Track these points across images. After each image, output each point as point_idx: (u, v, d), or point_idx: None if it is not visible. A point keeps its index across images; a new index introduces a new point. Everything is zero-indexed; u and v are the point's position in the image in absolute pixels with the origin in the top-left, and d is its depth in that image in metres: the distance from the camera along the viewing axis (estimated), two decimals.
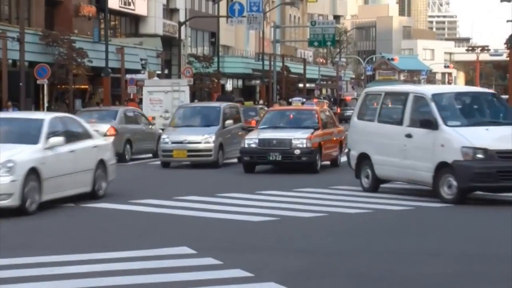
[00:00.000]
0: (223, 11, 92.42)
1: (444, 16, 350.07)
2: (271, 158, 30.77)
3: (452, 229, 20.20)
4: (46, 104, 55.79)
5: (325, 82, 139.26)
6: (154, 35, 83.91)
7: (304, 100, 46.96)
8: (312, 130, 30.97)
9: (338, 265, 15.43)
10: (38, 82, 54.51)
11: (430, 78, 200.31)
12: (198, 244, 17.14)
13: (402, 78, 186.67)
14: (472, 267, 15.13)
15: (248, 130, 45.39)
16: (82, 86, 67.03)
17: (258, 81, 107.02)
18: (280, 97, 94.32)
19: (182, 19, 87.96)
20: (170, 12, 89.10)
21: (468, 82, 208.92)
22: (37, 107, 54.58)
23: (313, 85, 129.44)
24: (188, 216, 22.41)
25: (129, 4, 79.93)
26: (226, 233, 19.82)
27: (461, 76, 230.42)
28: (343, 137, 35.55)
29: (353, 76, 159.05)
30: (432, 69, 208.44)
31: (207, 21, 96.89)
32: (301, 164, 31.59)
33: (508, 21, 43.78)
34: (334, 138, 35.49)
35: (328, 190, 29.37)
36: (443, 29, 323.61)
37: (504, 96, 42.35)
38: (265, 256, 16.23)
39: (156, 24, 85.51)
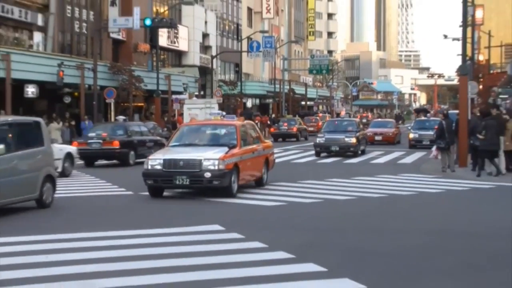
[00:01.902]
0: (244, 47, 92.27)
1: (410, 51, 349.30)
2: (177, 182, 21.06)
3: (415, 212, 19.90)
4: (113, 118, 55.81)
5: (321, 101, 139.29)
6: (193, 66, 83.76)
7: (224, 113, 33.68)
8: (226, 149, 21.51)
9: (334, 240, 15.32)
10: (107, 101, 54.52)
11: (400, 98, 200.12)
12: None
13: (379, 97, 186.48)
14: (434, 242, 15.09)
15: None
16: (139, 104, 67.00)
17: (271, 100, 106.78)
18: (288, 112, 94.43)
19: (214, 53, 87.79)
20: (204, 48, 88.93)
21: (429, 100, 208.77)
22: (106, 120, 54.55)
23: (312, 103, 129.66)
24: None
25: (174, 43, 79.81)
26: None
27: (423, 96, 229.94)
28: (269, 153, 25.77)
29: (342, 96, 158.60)
30: (401, 91, 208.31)
31: (233, 55, 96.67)
32: (213, 188, 21.49)
33: (458, 54, 44.24)
34: (258, 156, 24.52)
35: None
36: (410, 60, 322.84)
37: (455, 111, 42.10)
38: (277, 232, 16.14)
39: (194, 57, 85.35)
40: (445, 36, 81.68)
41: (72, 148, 32.23)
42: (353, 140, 40.53)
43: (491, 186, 25.43)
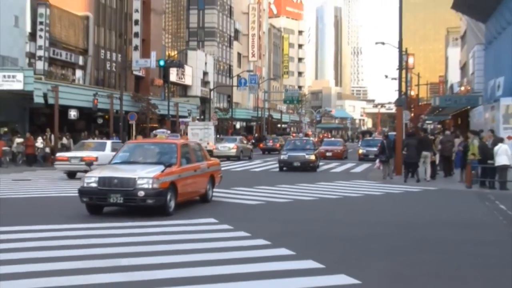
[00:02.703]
0: (235, 82, 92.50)
1: (360, 87, 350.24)
2: (111, 200, 17.06)
3: (363, 209, 19.88)
4: (134, 135, 55.83)
5: (293, 124, 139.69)
6: (195, 96, 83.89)
7: (169, 131, 29.80)
8: (162, 168, 17.60)
9: (302, 230, 15.34)
10: (129, 122, 54.47)
11: (352, 122, 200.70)
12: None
13: (336, 122, 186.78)
14: (378, 230, 15.22)
15: None
16: (154, 125, 66.92)
17: (254, 123, 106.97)
18: (268, 133, 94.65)
19: (211, 87, 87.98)
20: (204, 83, 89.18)
21: (374, 124, 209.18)
22: (129, 137, 54.49)
23: (286, 125, 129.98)
24: None
25: (181, 78, 80.00)
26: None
27: (369, 121, 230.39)
28: (215, 171, 21.11)
29: (309, 120, 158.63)
30: (353, 117, 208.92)
31: (226, 88, 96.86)
32: (147, 207, 17.44)
33: (395, 90, 44.99)
34: (202, 174, 20.00)
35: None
36: (360, 94, 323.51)
37: (393, 133, 42.24)
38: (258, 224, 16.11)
39: (196, 90, 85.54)
40: (386, 76, 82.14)
41: None
42: (313, 157, 37.45)
43: (419, 190, 25.53)
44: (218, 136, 64.38)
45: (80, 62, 57.12)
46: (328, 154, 50.99)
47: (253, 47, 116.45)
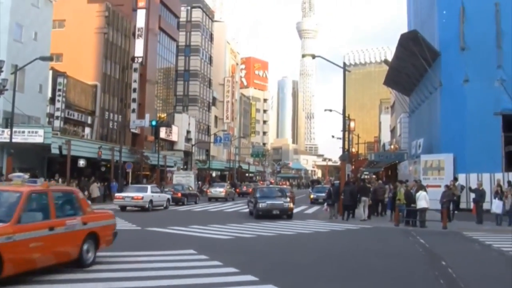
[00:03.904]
0: (212, 139, 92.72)
1: (312, 144, 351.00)
2: None
3: (314, 242, 20.08)
4: (130, 182, 55.70)
5: (258, 173, 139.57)
6: (180, 150, 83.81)
7: (27, 176, 13.14)
8: None
9: (265, 258, 15.50)
10: (126, 170, 54.38)
11: (306, 173, 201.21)
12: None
13: (293, 172, 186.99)
14: (323, 258, 15.49)
15: None
16: (146, 173, 66.74)
17: (227, 172, 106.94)
18: (238, 180, 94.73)
19: (193, 143, 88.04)
20: (188, 139, 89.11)
21: (323, 175, 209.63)
22: (127, 183, 54.27)
23: (252, 174, 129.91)
24: None
25: (169, 136, 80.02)
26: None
27: (319, 172, 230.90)
28: (99, 227, 13.43)
29: (271, 171, 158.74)
30: (307, 168, 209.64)
31: (205, 144, 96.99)
32: None
33: (340, 147, 45.75)
34: (67, 232, 11.91)
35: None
36: (312, 150, 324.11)
37: (338, 181, 42.50)
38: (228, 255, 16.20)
39: (181, 145, 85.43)
40: (333, 136, 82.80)
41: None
42: (291, 205, 31.53)
43: (357, 227, 25.70)
44: (198, 182, 64.47)
45: (89, 121, 57.11)
46: None
47: (227, 111, 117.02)
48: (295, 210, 37.32)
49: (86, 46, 58.02)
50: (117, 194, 37.57)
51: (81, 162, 47.38)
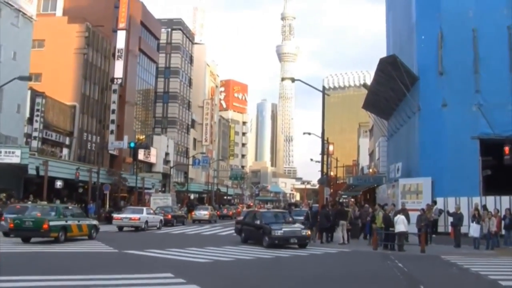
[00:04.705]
0: (190, 162, 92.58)
1: (291, 167, 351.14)
2: None
3: (293, 266, 19.97)
4: (107, 203, 55.30)
5: (236, 196, 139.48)
6: (158, 172, 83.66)
7: None
8: None
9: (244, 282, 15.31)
10: (104, 192, 54.09)
11: (284, 196, 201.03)
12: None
13: (271, 195, 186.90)
14: (310, 283, 15.41)
15: None
16: (124, 195, 66.39)
17: (205, 195, 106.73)
18: (216, 203, 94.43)
19: (171, 165, 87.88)
20: (166, 161, 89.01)
21: (301, 198, 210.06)
22: (103, 205, 53.83)
23: (230, 197, 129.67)
24: None
25: (148, 158, 79.82)
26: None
27: (298, 195, 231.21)
28: None
29: (249, 194, 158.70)
30: (285, 191, 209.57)
31: (183, 166, 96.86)
32: None
33: (318, 171, 45.75)
34: None
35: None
36: (290, 173, 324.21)
37: (316, 205, 42.42)
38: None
39: (159, 167, 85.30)
40: (311, 159, 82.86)
41: (96, 222, 30.80)
42: (309, 232, 27.50)
43: (336, 251, 25.64)
44: (178, 204, 64.17)
45: (67, 142, 56.80)
46: None
47: (206, 134, 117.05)
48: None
49: (65, 66, 57.89)
50: (115, 216, 39.35)
51: (58, 183, 47.03)
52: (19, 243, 25.20)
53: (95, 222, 29.93)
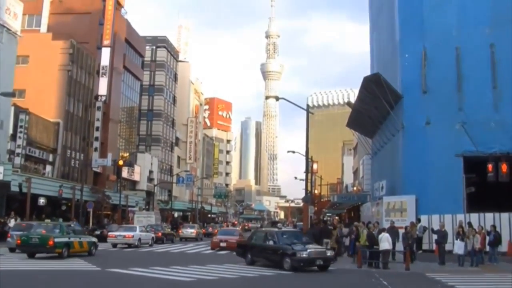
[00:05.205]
0: (174, 180, 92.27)
1: (275, 185, 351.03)
2: None
3: (282, 284, 19.73)
4: (91, 221, 54.89)
5: (221, 214, 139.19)
6: (142, 190, 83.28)
7: None
8: None
9: None
10: (87, 210, 53.68)
11: (268, 214, 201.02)
12: None
13: (256, 213, 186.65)
14: None
15: None
16: (108, 213, 65.93)
17: (189, 213, 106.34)
18: (200, 221, 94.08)
19: (155, 183, 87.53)
20: (150, 179, 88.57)
21: (285, 216, 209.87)
22: (87, 222, 53.40)
23: (214, 215, 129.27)
24: None
25: (132, 175, 79.35)
26: None
27: (282, 213, 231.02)
28: None
29: (233, 212, 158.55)
30: (269, 210, 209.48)
31: (167, 184, 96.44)
32: None
33: (303, 189, 45.60)
34: None
35: None
36: (274, 191, 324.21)
37: (301, 223, 42.43)
38: None
39: (143, 185, 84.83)
40: (296, 178, 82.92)
41: (95, 239, 32.14)
42: (333, 252, 25.72)
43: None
44: (163, 222, 63.84)
45: (50, 159, 56.38)
46: (222, 244, 37.94)
47: (190, 152, 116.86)
48: None
49: (49, 82, 57.64)
50: (110, 233, 40.50)
51: (41, 201, 46.66)
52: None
53: (94, 239, 31.28)
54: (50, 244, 26.12)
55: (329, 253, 24.57)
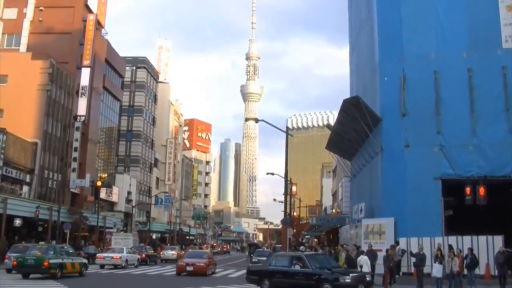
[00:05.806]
0: (153, 201, 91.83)
1: (254, 207, 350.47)
2: None
3: None
4: (67, 243, 54.38)
5: (199, 236, 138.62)
6: (120, 211, 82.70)
7: None
8: None
9: None
10: (64, 231, 53.19)
11: (247, 236, 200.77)
12: None
13: (234, 235, 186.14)
14: None
15: None
16: (85, 234, 65.27)
17: (167, 235, 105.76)
18: (178, 243, 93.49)
19: (134, 204, 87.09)
20: (128, 200, 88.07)
21: (264, 238, 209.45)
22: (63, 242, 52.92)
23: (193, 237, 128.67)
24: None
25: (110, 196, 78.81)
26: None
27: (261, 235, 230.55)
28: None
29: (212, 234, 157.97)
30: (248, 231, 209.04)
31: (145, 206, 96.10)
32: None
33: (282, 211, 45.34)
34: None
35: None
36: (253, 213, 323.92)
37: (279, 245, 42.33)
38: None
39: (121, 206, 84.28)
40: (274, 200, 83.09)
41: (86, 260, 33.90)
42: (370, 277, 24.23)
43: None
44: (142, 244, 63.39)
45: (27, 179, 55.83)
46: (188, 268, 34.60)
47: (169, 173, 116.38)
48: (234, 274, 36.94)
49: (28, 102, 57.26)
50: (98, 255, 42.82)
51: (17, 222, 46.18)
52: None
53: (85, 260, 32.86)
54: (45, 265, 27.41)
55: (368, 277, 23.37)
